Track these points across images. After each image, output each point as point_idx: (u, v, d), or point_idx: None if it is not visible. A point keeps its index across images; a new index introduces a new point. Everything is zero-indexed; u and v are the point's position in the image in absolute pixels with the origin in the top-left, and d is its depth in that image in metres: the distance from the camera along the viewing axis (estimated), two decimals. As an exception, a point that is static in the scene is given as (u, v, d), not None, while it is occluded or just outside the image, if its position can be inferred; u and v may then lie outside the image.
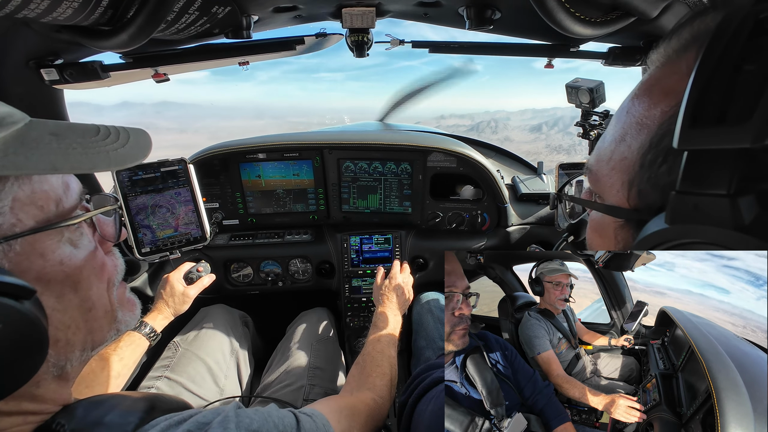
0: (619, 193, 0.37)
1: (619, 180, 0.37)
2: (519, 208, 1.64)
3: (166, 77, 1.16)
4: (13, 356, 0.36)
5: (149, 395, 0.56)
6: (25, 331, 0.36)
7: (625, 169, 0.36)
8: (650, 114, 0.34)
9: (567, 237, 1.06)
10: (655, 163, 0.33)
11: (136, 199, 1.19)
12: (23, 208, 0.40)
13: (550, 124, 76.33)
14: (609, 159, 0.38)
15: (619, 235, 0.39)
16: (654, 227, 0.31)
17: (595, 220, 0.43)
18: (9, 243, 0.38)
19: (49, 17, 0.68)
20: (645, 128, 0.34)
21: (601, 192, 0.40)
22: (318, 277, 1.63)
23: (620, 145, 0.37)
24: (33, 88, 0.97)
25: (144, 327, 1.07)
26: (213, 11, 0.88)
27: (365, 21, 1.04)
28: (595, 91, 1.28)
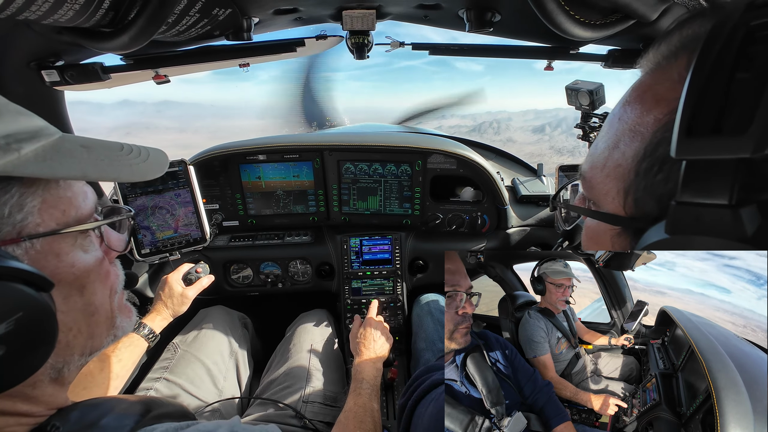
0: (614, 201, 0.37)
1: (614, 187, 0.37)
2: (519, 210, 1.65)
3: (167, 79, 1.17)
4: (27, 344, 0.37)
5: (146, 398, 0.57)
6: (40, 321, 0.38)
7: (620, 177, 0.36)
8: (643, 121, 0.34)
9: (562, 242, 1.07)
10: (651, 171, 0.32)
11: (135, 201, 1.19)
12: (48, 211, 0.44)
13: (553, 125, 76.19)
14: (603, 166, 0.38)
15: (616, 243, 0.38)
16: (654, 237, 0.31)
17: (591, 228, 0.43)
18: (32, 241, 0.42)
19: (51, 19, 0.68)
20: (638, 135, 0.34)
21: (596, 199, 0.40)
22: (318, 279, 1.63)
23: (614, 152, 0.37)
24: (34, 89, 0.97)
25: (143, 328, 1.07)
26: (214, 13, 0.88)
27: (365, 23, 1.04)
28: (594, 93, 1.28)
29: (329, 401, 1.20)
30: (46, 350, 0.40)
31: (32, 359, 0.39)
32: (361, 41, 1.11)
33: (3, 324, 0.35)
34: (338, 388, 1.28)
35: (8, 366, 0.36)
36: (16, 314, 0.36)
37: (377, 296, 1.61)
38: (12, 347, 0.36)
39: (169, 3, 0.73)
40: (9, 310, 0.35)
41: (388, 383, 1.39)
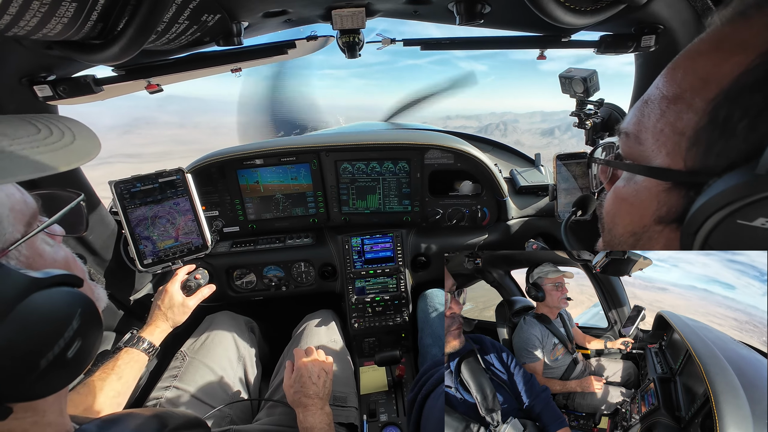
0: (670, 155, 0.36)
1: (671, 140, 0.36)
2: (518, 201, 1.65)
3: (160, 88, 1.16)
4: (93, 334, 0.44)
5: (159, 412, 0.57)
6: (94, 312, 0.44)
7: (682, 129, 0.35)
8: (719, 69, 0.34)
9: (575, 211, 1.05)
10: (731, 118, 0.32)
11: (135, 211, 1.19)
12: (15, 215, 0.43)
13: (563, 129, 75.79)
14: (658, 119, 0.37)
15: (664, 200, 0.37)
16: (729, 183, 0.31)
17: (626, 188, 0.42)
18: (18, 249, 0.42)
19: (40, 34, 0.68)
20: (713, 84, 0.34)
21: (640, 156, 0.39)
22: (321, 280, 1.63)
23: (675, 104, 0.36)
24: (27, 105, 0.97)
25: (141, 342, 1.06)
26: (203, 19, 0.88)
27: (355, 22, 1.03)
28: (588, 80, 1.27)
29: (339, 402, 1.21)
30: (101, 334, 0.46)
31: (96, 344, 0.45)
32: (351, 40, 1.11)
33: (74, 321, 0.41)
34: (347, 388, 1.28)
35: (84, 354, 0.42)
36: (77, 311, 0.41)
37: (381, 294, 1.61)
38: (85, 339, 0.42)
39: (158, 11, 0.72)
40: (72, 310, 0.41)
41: (396, 380, 1.39)
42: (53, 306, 0.39)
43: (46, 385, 0.39)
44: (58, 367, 0.40)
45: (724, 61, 0.34)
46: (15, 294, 0.37)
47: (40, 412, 0.43)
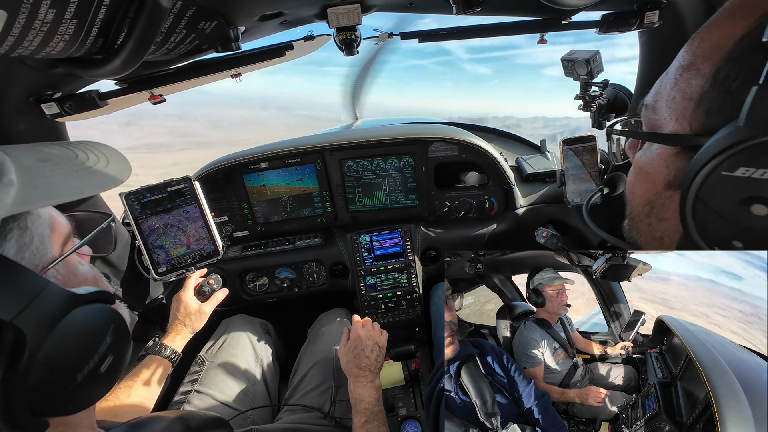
0: (680, 121, 0.38)
1: (681, 105, 0.38)
2: (526, 189, 1.63)
3: (162, 98, 1.18)
4: (124, 349, 0.45)
5: (183, 414, 0.59)
6: (125, 329, 0.46)
7: (690, 94, 0.37)
8: (729, 33, 0.35)
9: (602, 188, 1.07)
10: (729, 78, 0.34)
11: (147, 221, 1.21)
12: (54, 235, 0.46)
13: (565, 135, 75.17)
14: (672, 87, 0.39)
15: (673, 164, 0.39)
16: (723, 133, 0.32)
17: (643, 159, 0.44)
18: (56, 267, 0.44)
19: (43, 52, 0.69)
20: (720, 48, 0.35)
21: (656, 125, 0.42)
22: (332, 279, 1.64)
23: (687, 72, 0.38)
24: (36, 124, 0.99)
25: (164, 349, 1.08)
26: (200, 27, 0.88)
27: (351, 18, 1.03)
28: (591, 61, 1.25)
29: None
30: (130, 349, 0.48)
31: (126, 359, 0.47)
32: (348, 37, 1.10)
33: (107, 336, 0.42)
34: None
35: (116, 368, 0.44)
36: (110, 326, 0.43)
37: (393, 290, 1.61)
38: (116, 354, 0.44)
39: (156, 22, 0.73)
40: (106, 326, 0.43)
41: (413, 374, 1.40)
42: (90, 321, 0.41)
43: (82, 400, 0.41)
44: (92, 382, 0.41)
45: (733, 25, 0.35)
46: (60, 309, 0.38)
47: (72, 427, 0.45)
